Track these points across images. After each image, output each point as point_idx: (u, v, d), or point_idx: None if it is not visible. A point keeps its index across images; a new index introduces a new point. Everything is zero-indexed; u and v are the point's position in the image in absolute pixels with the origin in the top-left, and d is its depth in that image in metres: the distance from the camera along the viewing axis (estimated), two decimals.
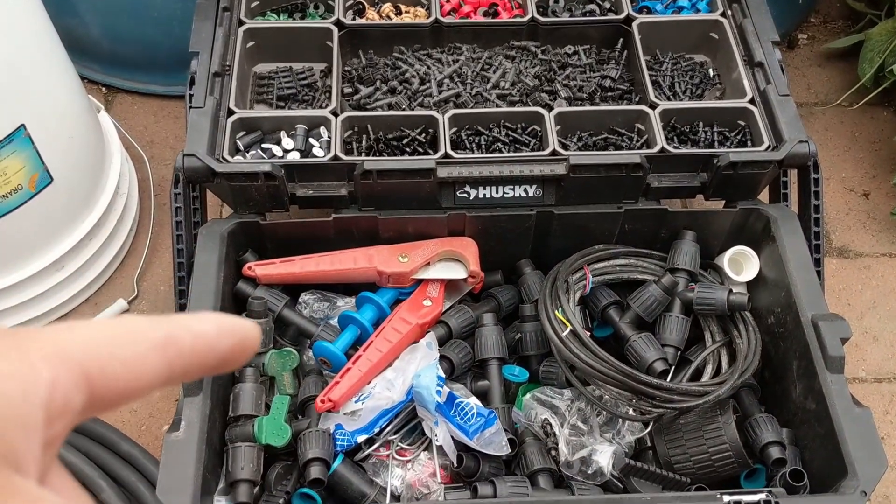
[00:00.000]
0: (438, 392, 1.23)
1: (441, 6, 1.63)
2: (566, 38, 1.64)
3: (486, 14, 1.67)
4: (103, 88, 2.10)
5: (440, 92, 1.54)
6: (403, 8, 1.68)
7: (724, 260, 1.48)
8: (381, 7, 1.67)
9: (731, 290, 1.38)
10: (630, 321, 1.40)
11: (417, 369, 1.27)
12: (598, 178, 1.39)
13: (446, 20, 1.61)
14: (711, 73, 1.62)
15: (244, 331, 0.36)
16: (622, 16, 1.62)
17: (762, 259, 1.46)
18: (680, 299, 1.41)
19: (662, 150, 1.41)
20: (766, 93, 1.47)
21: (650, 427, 1.32)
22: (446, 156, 1.39)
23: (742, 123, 1.49)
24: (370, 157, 1.40)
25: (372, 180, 1.36)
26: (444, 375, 1.26)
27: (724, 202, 1.47)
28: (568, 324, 1.30)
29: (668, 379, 1.33)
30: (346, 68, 1.62)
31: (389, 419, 1.28)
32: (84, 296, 1.71)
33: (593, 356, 1.27)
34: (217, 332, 0.34)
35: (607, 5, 1.67)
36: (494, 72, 1.58)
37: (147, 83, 2.05)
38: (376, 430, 1.27)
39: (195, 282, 1.32)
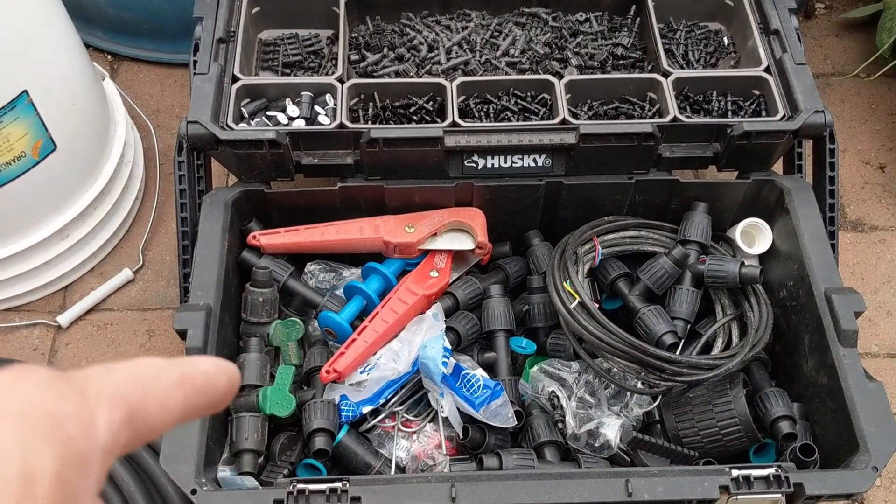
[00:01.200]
0: (444, 363, 1.22)
1: None
2: (577, 4, 1.61)
3: None
4: (108, 56, 2.07)
5: (449, 59, 1.51)
6: None
7: (737, 232, 1.45)
8: None
9: (742, 263, 1.35)
10: (640, 294, 1.38)
11: (423, 340, 1.25)
12: (609, 147, 1.36)
13: None
14: (726, 41, 1.59)
15: (232, 369, 0.39)
16: None
17: (775, 231, 1.43)
18: (691, 272, 1.38)
19: (675, 119, 1.38)
20: (781, 61, 1.43)
21: (658, 400, 1.31)
22: (454, 124, 1.37)
23: (757, 93, 1.46)
24: (376, 126, 1.37)
25: (378, 149, 1.34)
26: (450, 347, 1.25)
27: (737, 173, 1.44)
28: (577, 295, 1.28)
29: (678, 352, 1.31)
30: (353, 35, 1.59)
31: (395, 390, 1.27)
32: (89, 265, 1.70)
33: (602, 328, 1.25)
34: (217, 370, 0.38)
35: None
36: (504, 39, 1.55)
37: (153, 51, 2.02)
38: (382, 400, 1.26)
39: (199, 251, 1.30)
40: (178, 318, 1.21)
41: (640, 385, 1.29)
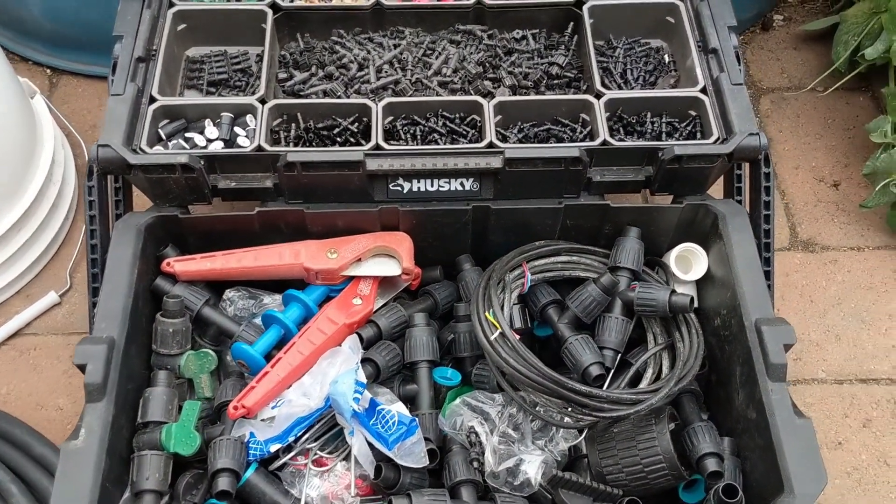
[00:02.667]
0: (356, 399, 1.17)
1: None
2: (514, 21, 1.56)
3: None
4: (48, 70, 2.02)
5: (379, 78, 1.46)
6: None
7: (671, 258, 1.41)
8: None
9: (673, 291, 1.31)
10: (568, 322, 1.33)
11: (337, 374, 1.20)
12: (536, 171, 1.31)
13: (388, 3, 1.53)
14: (667, 58, 1.54)
15: None
16: None
17: (711, 257, 1.39)
18: (621, 299, 1.34)
19: (604, 142, 1.33)
20: (718, 81, 1.39)
21: (584, 434, 1.26)
22: (377, 147, 1.32)
23: (693, 114, 1.41)
24: (295, 149, 1.32)
25: (297, 172, 1.29)
26: (364, 381, 1.20)
27: (671, 197, 1.40)
28: (498, 325, 1.24)
29: (606, 383, 1.26)
30: (283, 53, 1.54)
31: (306, 427, 1.22)
32: (14, 288, 1.65)
33: (522, 361, 1.20)
34: None
35: None
36: (437, 58, 1.50)
37: (91, 64, 1.98)
38: (291, 438, 1.21)
39: (107, 278, 1.25)
40: (78, 352, 1.16)
41: (565, 419, 1.25)
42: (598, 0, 1.53)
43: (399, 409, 1.21)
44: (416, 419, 1.20)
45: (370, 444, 1.19)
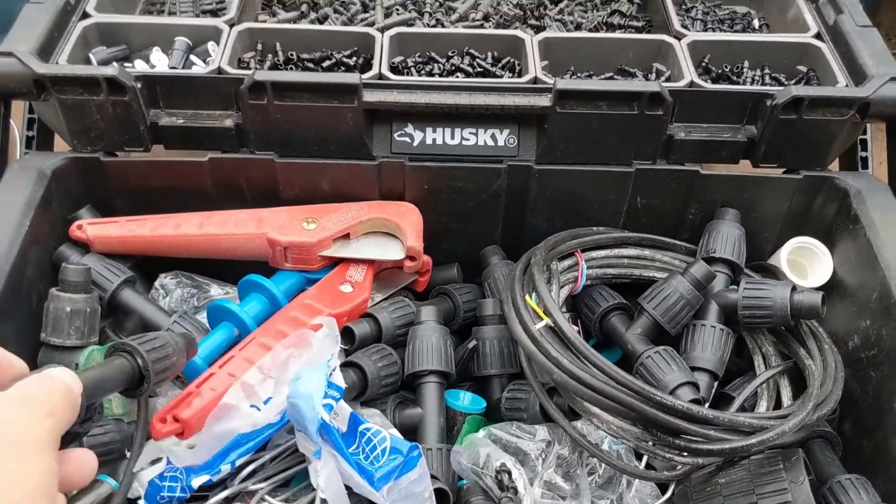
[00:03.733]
0: (328, 407, 0.75)
1: None
2: None
3: None
4: None
5: (387, 17, 1.12)
6: None
7: (782, 257, 1.02)
8: None
9: (794, 287, 0.91)
10: (643, 331, 0.93)
11: (301, 370, 0.79)
12: (599, 116, 0.94)
13: None
14: (756, 24, 1.20)
15: None
16: None
17: (837, 255, 1.00)
18: (717, 302, 0.94)
19: (692, 84, 0.97)
20: (838, 24, 1.04)
21: (672, 490, 0.83)
22: (380, 77, 0.96)
23: (803, 69, 1.06)
24: (264, 70, 0.97)
25: (267, 102, 0.93)
26: (342, 385, 0.78)
27: (781, 170, 1.02)
28: (544, 316, 0.83)
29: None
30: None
31: (250, 452, 0.80)
32: None
33: (582, 361, 0.79)
34: None
35: None
36: (463, 2, 1.17)
37: None
38: (226, 467, 0.78)
39: None
40: None
41: (641, 465, 0.83)
42: None
43: (394, 433, 0.80)
44: (420, 447, 0.78)
45: (346, 482, 0.76)
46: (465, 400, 0.91)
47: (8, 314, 0.84)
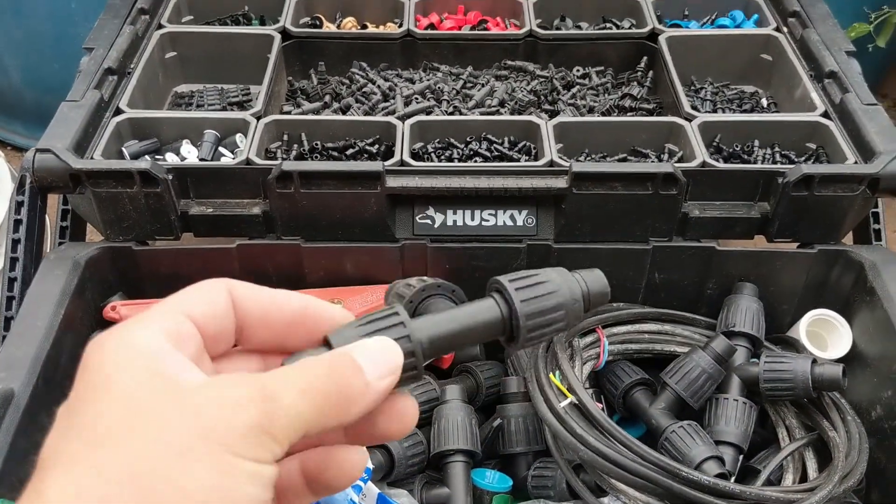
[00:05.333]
0: (357, 488, 0.76)
1: (417, 21, 1.30)
2: (573, 58, 1.28)
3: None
4: None
5: (407, 106, 1.16)
6: (370, 25, 1.34)
7: (801, 330, 1.03)
8: (341, 22, 1.33)
9: (815, 360, 0.92)
10: (666, 406, 0.94)
11: None
12: (615, 197, 0.97)
13: (421, 32, 1.27)
14: (765, 102, 1.24)
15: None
16: (646, 30, 1.26)
17: (856, 327, 1.01)
18: (739, 376, 0.95)
19: (704, 164, 1.00)
20: (844, 103, 1.08)
21: None
22: (402, 163, 1.00)
23: (813, 146, 1.09)
24: (293, 162, 1.01)
25: (294, 190, 0.96)
26: (370, 465, 0.80)
27: (796, 245, 1.04)
28: (568, 393, 0.85)
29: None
30: (292, 87, 1.26)
31: None
32: None
33: (607, 438, 0.80)
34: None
35: (627, 25, 1.32)
36: (479, 90, 1.21)
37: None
38: None
39: (19, 320, 0.90)
40: None
41: None
42: (676, 31, 1.26)
43: None
44: None
45: None
46: (492, 479, 0.92)
47: (45, 395, 0.86)
